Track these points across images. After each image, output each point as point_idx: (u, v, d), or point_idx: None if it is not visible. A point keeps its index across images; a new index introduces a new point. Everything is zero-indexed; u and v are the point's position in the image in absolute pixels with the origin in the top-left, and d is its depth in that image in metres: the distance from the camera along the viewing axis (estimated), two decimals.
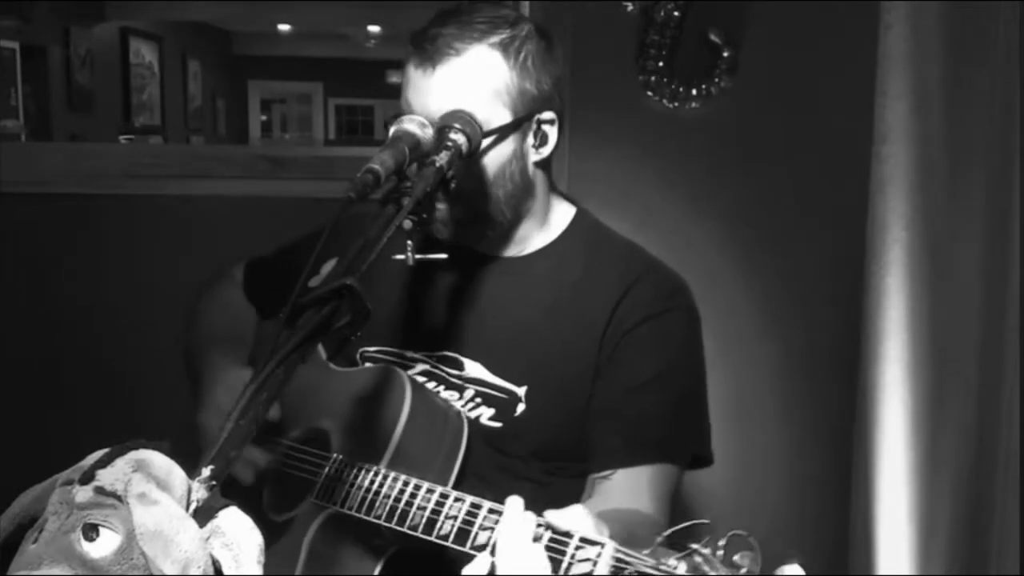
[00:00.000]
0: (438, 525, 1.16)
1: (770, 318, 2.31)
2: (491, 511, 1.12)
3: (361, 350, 1.46)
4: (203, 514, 0.91)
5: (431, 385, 1.41)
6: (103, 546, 0.86)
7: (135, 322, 2.23)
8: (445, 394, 1.40)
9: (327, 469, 1.33)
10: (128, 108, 6.79)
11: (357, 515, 1.25)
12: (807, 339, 2.31)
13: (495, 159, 1.33)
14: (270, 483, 1.41)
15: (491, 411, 1.38)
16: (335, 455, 1.33)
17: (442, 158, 1.21)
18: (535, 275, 1.43)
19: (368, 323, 1.05)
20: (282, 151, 2.18)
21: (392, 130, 1.25)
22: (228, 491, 0.96)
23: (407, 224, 1.18)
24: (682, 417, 1.40)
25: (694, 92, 2.22)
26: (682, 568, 0.87)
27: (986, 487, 2.16)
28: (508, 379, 1.38)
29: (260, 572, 0.92)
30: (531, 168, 1.39)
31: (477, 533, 1.12)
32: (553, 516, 1.02)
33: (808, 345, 2.31)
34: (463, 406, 1.39)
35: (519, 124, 1.34)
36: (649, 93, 2.23)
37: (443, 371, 1.42)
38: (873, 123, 2.16)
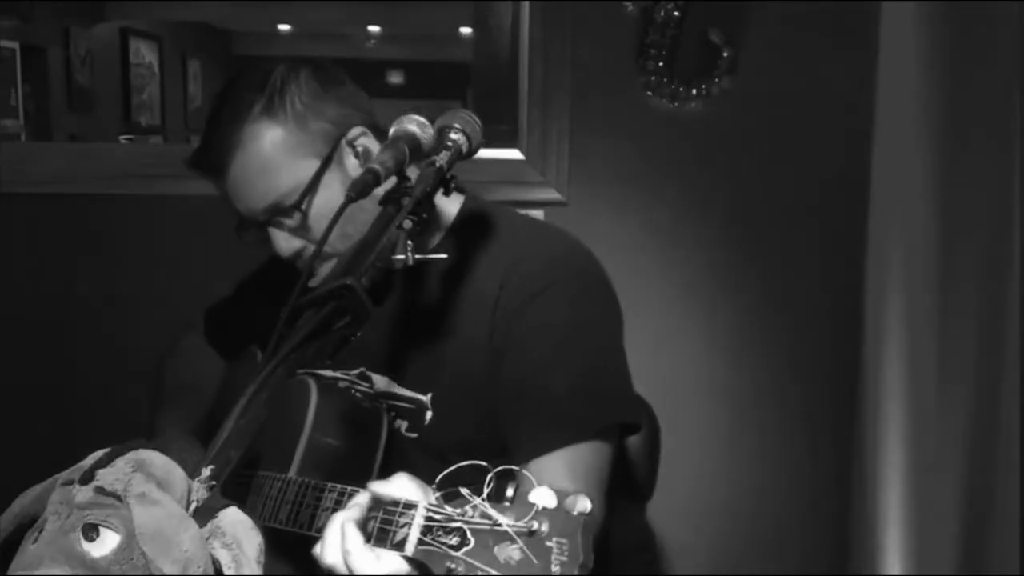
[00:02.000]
0: (317, 519, 1.17)
1: (770, 317, 2.31)
2: (351, 494, 1.13)
3: None
4: (203, 514, 0.91)
5: None
6: (103, 546, 0.86)
7: (135, 322, 2.23)
8: None
9: (252, 487, 1.32)
10: (128, 108, 6.77)
11: (267, 525, 1.24)
12: (807, 338, 2.30)
13: (333, 201, 1.28)
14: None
15: (405, 423, 1.37)
16: (260, 472, 1.33)
17: (442, 158, 1.21)
18: (425, 280, 1.40)
19: None
20: None
21: (392, 130, 1.25)
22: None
23: (407, 224, 1.18)
24: (588, 391, 1.33)
25: (694, 92, 2.22)
26: (476, 515, 0.89)
27: (986, 487, 2.15)
28: (413, 388, 1.37)
29: (260, 572, 0.92)
30: None
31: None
32: (378, 487, 1.01)
33: (808, 345, 2.31)
34: None
35: (328, 161, 1.34)
36: (649, 93, 2.23)
37: (361, 388, 1.41)
38: (873, 123, 2.16)
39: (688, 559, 2.30)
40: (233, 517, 0.92)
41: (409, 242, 1.22)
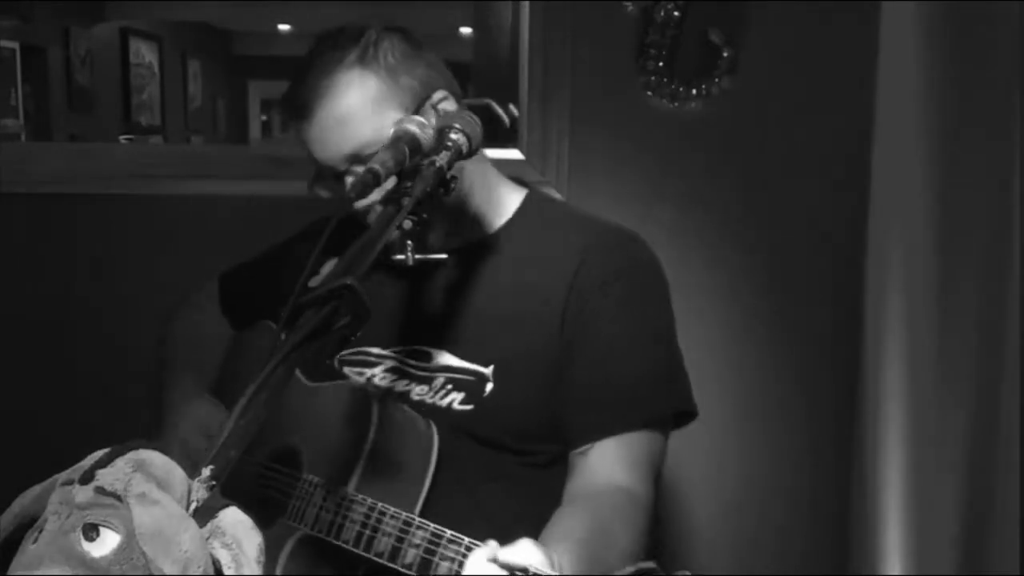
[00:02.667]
0: (402, 553, 1.19)
1: (770, 318, 2.31)
2: (450, 541, 1.16)
3: None
4: (203, 514, 0.91)
5: (401, 383, 1.42)
6: (103, 546, 0.86)
7: (135, 322, 2.22)
8: (415, 388, 1.41)
9: (298, 490, 1.33)
10: (128, 108, 6.77)
11: (326, 539, 1.26)
12: (807, 339, 2.30)
13: None
14: (242, 501, 1.42)
15: (461, 395, 1.39)
16: (306, 476, 1.34)
17: (442, 158, 1.21)
18: (491, 258, 1.44)
19: None
20: (282, 151, 2.17)
21: (392, 130, 1.25)
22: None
23: (407, 224, 1.19)
24: (654, 379, 1.39)
25: (694, 92, 2.21)
26: None
27: (986, 487, 2.15)
28: (475, 361, 1.39)
29: (260, 572, 0.92)
30: None
31: (438, 563, 1.15)
32: (505, 553, 1.01)
33: (808, 345, 2.31)
34: (434, 395, 1.40)
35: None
36: (649, 93, 2.23)
37: (410, 365, 1.42)
38: (873, 123, 2.16)
39: (688, 559, 2.30)
40: (233, 517, 0.92)
41: (409, 242, 1.22)
